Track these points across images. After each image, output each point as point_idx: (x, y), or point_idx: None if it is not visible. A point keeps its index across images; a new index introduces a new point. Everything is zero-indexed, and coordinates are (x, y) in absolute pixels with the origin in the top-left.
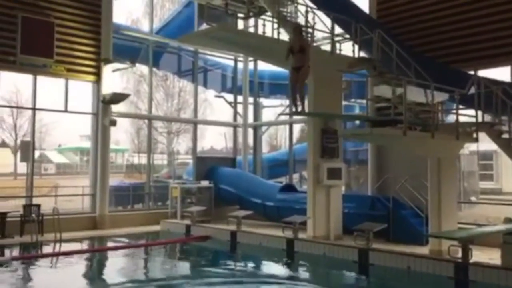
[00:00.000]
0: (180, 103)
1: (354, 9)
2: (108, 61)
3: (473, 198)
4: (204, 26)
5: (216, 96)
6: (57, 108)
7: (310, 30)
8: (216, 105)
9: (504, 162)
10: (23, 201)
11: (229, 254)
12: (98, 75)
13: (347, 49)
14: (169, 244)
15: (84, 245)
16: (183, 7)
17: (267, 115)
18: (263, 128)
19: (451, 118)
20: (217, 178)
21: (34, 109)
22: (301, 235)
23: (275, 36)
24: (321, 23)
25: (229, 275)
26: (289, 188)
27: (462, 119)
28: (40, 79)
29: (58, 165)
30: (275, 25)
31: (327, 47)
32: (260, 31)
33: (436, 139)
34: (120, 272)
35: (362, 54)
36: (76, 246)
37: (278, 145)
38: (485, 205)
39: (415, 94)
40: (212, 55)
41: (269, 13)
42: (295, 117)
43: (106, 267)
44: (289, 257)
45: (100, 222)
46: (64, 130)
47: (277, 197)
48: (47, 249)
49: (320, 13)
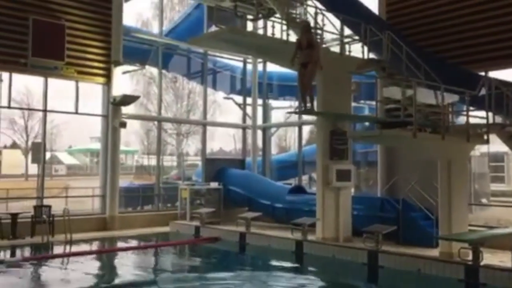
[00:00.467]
0: (190, 105)
1: (364, 10)
2: (118, 63)
3: (484, 200)
4: (214, 28)
5: (225, 98)
6: (68, 110)
7: (320, 32)
8: (225, 107)
9: None
10: (34, 202)
11: (239, 256)
12: (108, 77)
13: (357, 51)
14: (179, 245)
15: (94, 246)
16: (193, 9)
17: (276, 117)
18: (272, 130)
19: (462, 120)
20: (226, 180)
21: (45, 111)
22: (310, 237)
23: (284, 38)
24: (331, 25)
25: (239, 277)
26: (298, 190)
27: (473, 121)
28: (51, 81)
29: (69, 167)
30: (284, 27)
31: (337, 49)
32: (269, 33)
33: (447, 141)
34: (130, 273)
35: (372, 56)
36: (86, 247)
37: (287, 147)
38: (496, 207)
39: (425, 96)
40: (221, 57)
41: (278, 15)
42: (305, 119)
43: (116, 268)
44: (298, 259)
45: (110, 223)
46: (75, 132)
47: (286, 199)
48: (58, 250)
49: (330, 15)
